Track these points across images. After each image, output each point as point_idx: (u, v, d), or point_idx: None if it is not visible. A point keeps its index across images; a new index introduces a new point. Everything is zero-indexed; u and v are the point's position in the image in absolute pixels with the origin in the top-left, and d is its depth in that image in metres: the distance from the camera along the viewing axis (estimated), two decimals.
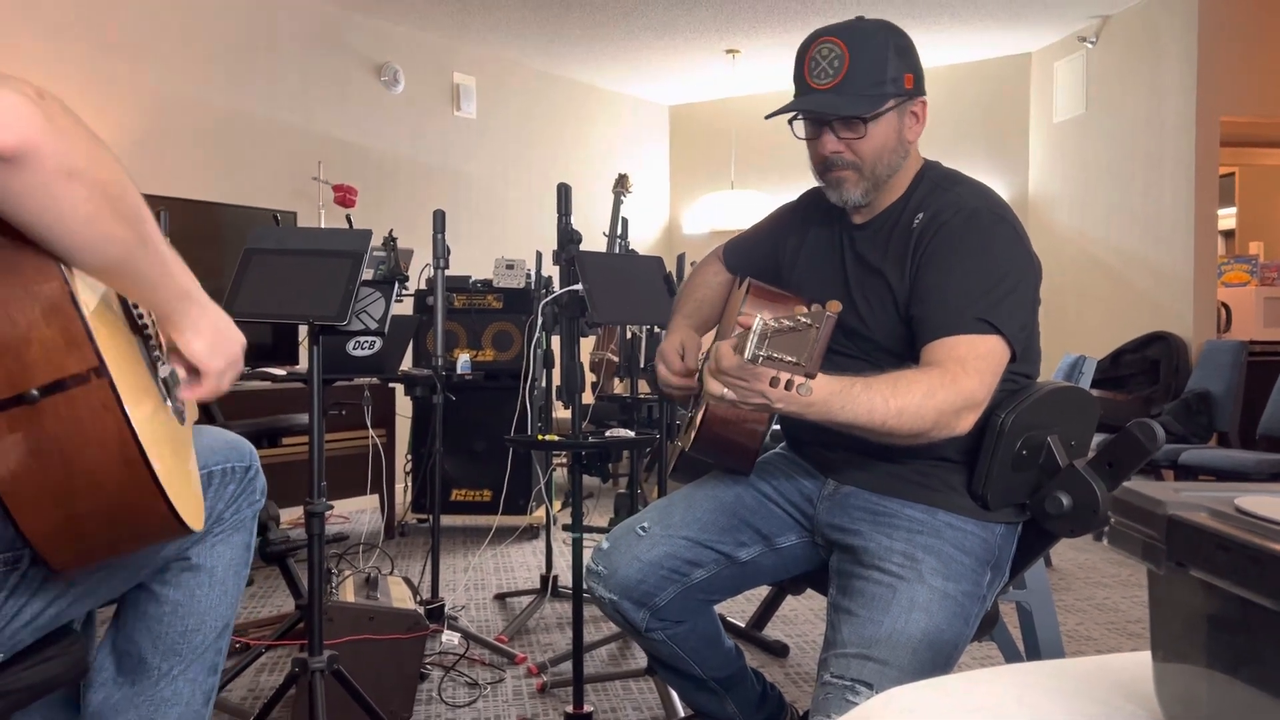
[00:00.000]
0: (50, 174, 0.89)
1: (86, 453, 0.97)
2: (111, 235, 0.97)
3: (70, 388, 0.96)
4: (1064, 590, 3.72)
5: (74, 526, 1.00)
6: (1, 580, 1.08)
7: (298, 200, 5.24)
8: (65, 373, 0.96)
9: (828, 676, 1.47)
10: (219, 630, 1.43)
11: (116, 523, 1.02)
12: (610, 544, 1.79)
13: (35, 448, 0.96)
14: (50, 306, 0.96)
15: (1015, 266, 1.57)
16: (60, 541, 1.00)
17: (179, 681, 1.39)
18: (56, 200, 0.91)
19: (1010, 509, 1.62)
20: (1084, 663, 0.88)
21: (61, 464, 0.97)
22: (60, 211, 0.91)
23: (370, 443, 4.00)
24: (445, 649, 2.88)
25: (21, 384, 0.94)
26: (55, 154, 0.89)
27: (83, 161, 0.92)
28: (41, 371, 0.95)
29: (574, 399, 2.47)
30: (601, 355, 5.30)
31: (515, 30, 6.13)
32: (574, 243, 2.46)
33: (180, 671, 1.39)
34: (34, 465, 0.96)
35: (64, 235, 0.93)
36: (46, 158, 0.88)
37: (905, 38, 1.64)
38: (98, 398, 0.97)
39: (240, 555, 1.45)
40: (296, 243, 2.12)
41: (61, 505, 0.98)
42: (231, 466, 1.40)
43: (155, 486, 1.01)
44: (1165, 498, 0.70)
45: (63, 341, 0.96)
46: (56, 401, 0.96)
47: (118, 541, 1.04)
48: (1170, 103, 5.43)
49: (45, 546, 0.99)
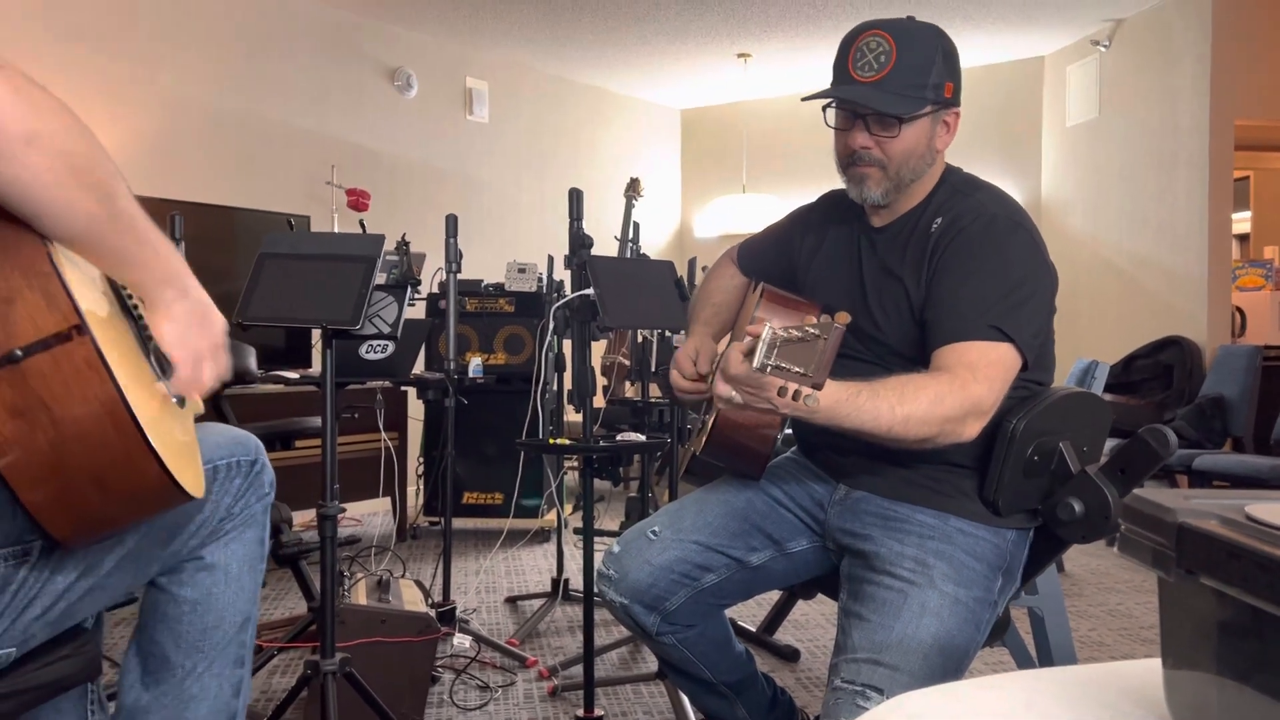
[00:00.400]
0: (10, 140, 0.91)
1: (73, 411, 0.98)
2: (76, 205, 0.98)
3: (53, 346, 0.97)
4: (1076, 596, 3.70)
5: (69, 491, 1.00)
6: (11, 573, 1.09)
7: (311, 204, 5.27)
8: (46, 332, 0.96)
9: (838, 681, 1.47)
10: (239, 624, 1.44)
11: (111, 486, 1.02)
12: (621, 548, 1.79)
13: (23, 408, 0.96)
14: (29, 268, 0.97)
15: (1031, 274, 1.56)
16: (57, 509, 1.01)
17: (205, 678, 1.41)
18: (18, 167, 0.92)
19: (1022, 515, 1.62)
20: (1094, 669, 0.88)
21: (50, 424, 0.97)
22: (23, 178, 0.93)
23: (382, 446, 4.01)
24: (456, 652, 2.89)
25: (5, 344, 0.95)
26: (15, 120, 0.91)
27: (45, 130, 0.93)
28: (24, 331, 0.96)
29: (585, 403, 2.48)
30: (613, 359, 5.30)
31: (528, 35, 6.15)
32: (585, 247, 2.47)
33: (205, 668, 1.41)
34: (23, 427, 0.97)
35: (27, 201, 0.95)
36: (5, 125, 0.90)
37: (953, 46, 1.63)
38: (80, 354, 0.97)
39: (254, 550, 1.46)
40: (310, 247, 2.13)
41: (54, 469, 0.98)
42: (237, 460, 1.41)
43: (146, 446, 1.01)
44: (1175, 505, 0.70)
45: (43, 302, 0.97)
46: (40, 360, 0.96)
47: (116, 507, 1.04)
48: (1184, 106, 5.41)
49: (42, 516, 1.00)
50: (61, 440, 0.98)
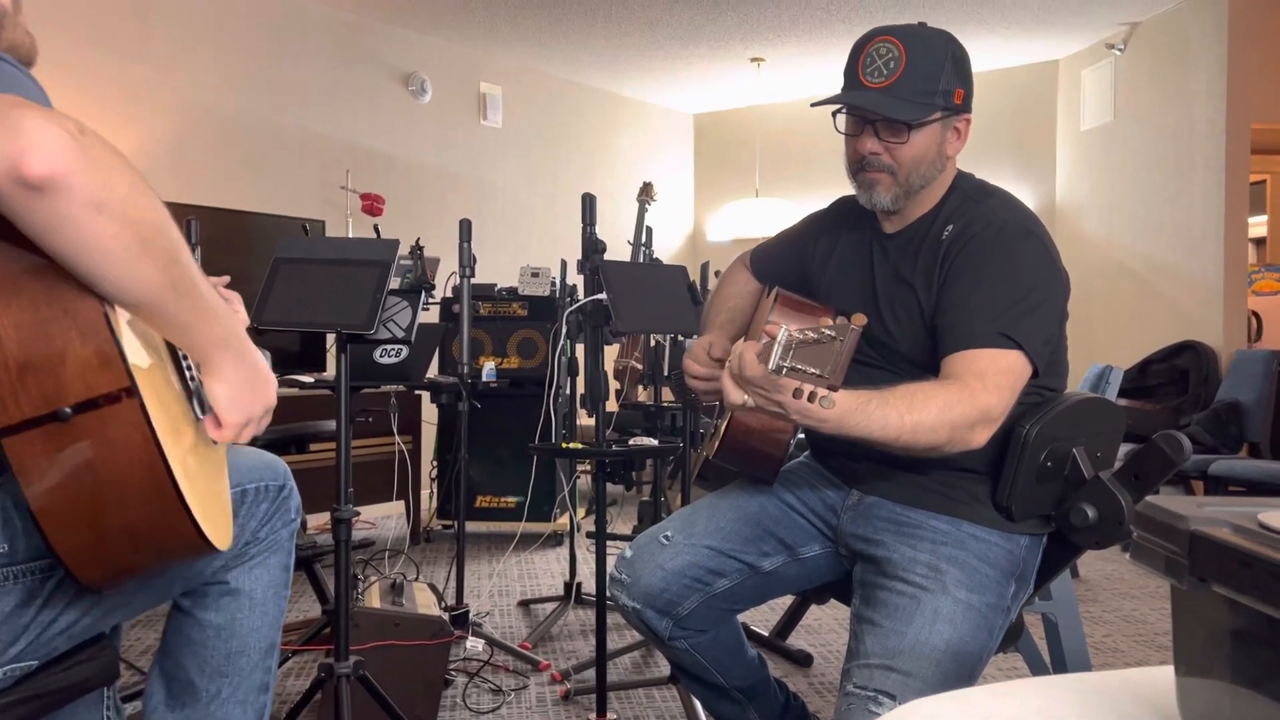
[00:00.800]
0: (78, 206, 0.91)
1: (115, 471, 1.00)
2: (139, 275, 0.99)
3: (101, 406, 0.98)
4: (1091, 602, 3.68)
5: (102, 543, 1.02)
6: (38, 587, 1.10)
7: (326, 209, 5.29)
8: (97, 392, 0.98)
9: (851, 687, 1.46)
10: (264, 650, 1.45)
11: (143, 540, 1.04)
12: (633, 552, 1.79)
13: (66, 464, 0.98)
14: (86, 328, 0.98)
15: (1042, 281, 1.55)
16: (88, 558, 1.02)
17: (229, 703, 1.42)
18: (83, 232, 0.93)
19: (1035, 520, 1.61)
20: (1107, 676, 0.88)
21: (91, 481, 0.99)
22: (86, 244, 0.94)
23: (396, 449, 4.02)
24: (469, 655, 2.90)
25: (56, 401, 0.97)
26: (84, 187, 0.91)
27: (115, 198, 0.94)
28: (75, 390, 0.97)
29: (598, 407, 2.48)
30: (625, 363, 5.31)
31: (542, 40, 6.17)
32: (598, 251, 2.47)
33: (230, 693, 1.42)
34: (65, 481, 0.98)
35: (90, 267, 0.95)
36: (75, 189, 0.91)
37: (964, 52, 1.63)
38: (128, 417, 0.99)
39: (279, 577, 1.47)
40: (324, 252, 2.14)
41: (90, 522, 1.00)
42: (265, 485, 1.42)
43: (182, 506, 1.03)
44: (1188, 512, 0.69)
45: (96, 362, 0.98)
46: (88, 419, 0.98)
47: (145, 559, 1.06)
48: (1200, 110, 5.38)
49: (74, 562, 1.02)
50: (100, 496, 1.00)
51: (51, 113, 0.92)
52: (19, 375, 0.96)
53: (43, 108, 0.92)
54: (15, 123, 0.89)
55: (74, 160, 0.90)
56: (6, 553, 1.08)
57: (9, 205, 0.91)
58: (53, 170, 0.89)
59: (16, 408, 0.96)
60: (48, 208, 0.90)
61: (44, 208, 0.90)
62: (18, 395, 0.96)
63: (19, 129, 0.89)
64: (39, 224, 0.92)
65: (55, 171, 0.89)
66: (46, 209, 0.91)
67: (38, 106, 0.93)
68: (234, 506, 1.36)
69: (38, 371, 0.96)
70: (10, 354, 0.96)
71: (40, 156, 0.88)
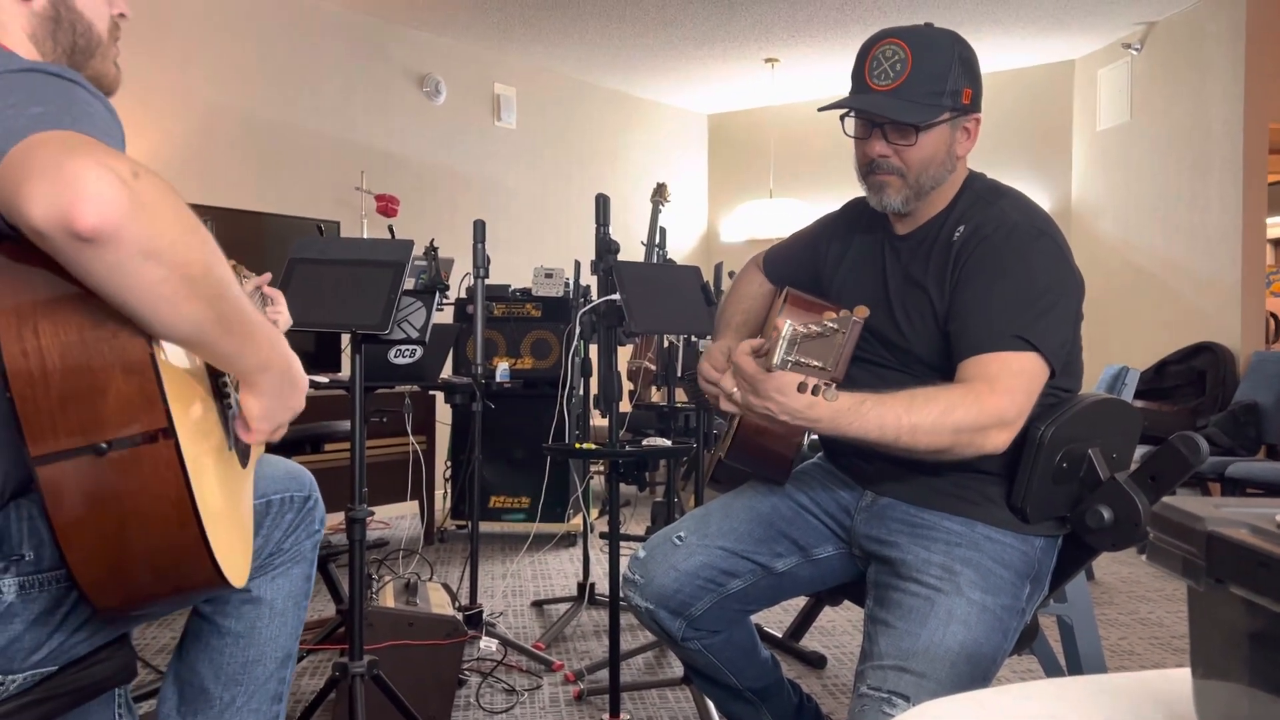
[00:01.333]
0: (128, 255, 0.92)
1: (143, 507, 1.00)
2: (187, 315, 1.00)
3: (138, 444, 0.99)
4: (1107, 604, 3.66)
5: (122, 575, 1.03)
6: (63, 595, 1.11)
7: (341, 210, 5.31)
8: (135, 429, 0.99)
9: (864, 688, 1.46)
10: (280, 660, 1.46)
11: (163, 576, 1.05)
12: (646, 553, 1.79)
13: (97, 495, 0.99)
14: (130, 364, 0.99)
15: (1055, 282, 1.55)
16: (107, 587, 1.03)
17: (243, 712, 1.42)
18: (133, 279, 0.94)
19: (1050, 522, 1.60)
20: (1122, 678, 0.87)
21: (118, 514, 1.00)
22: (137, 289, 0.94)
23: (411, 450, 4.04)
24: (483, 655, 2.90)
25: (94, 434, 0.98)
26: (135, 237, 0.92)
27: (164, 243, 0.94)
28: (113, 425, 0.98)
29: (611, 407, 2.48)
30: (639, 364, 5.31)
31: (556, 41, 6.18)
32: (612, 252, 2.47)
33: (244, 702, 1.42)
34: (92, 513, 0.99)
35: (139, 309, 0.96)
36: (126, 241, 0.91)
37: (971, 51, 1.62)
38: (162, 457, 1.00)
39: (300, 587, 1.48)
40: (339, 253, 2.15)
41: (112, 554, 1.01)
42: (290, 496, 1.43)
43: (205, 548, 1.04)
44: (1205, 513, 0.69)
45: (138, 399, 0.99)
46: (123, 456, 0.99)
47: (162, 592, 1.08)
48: (1217, 109, 5.35)
49: (92, 590, 1.03)
50: (125, 530, 1.01)
51: (106, 156, 0.92)
52: (60, 404, 0.97)
53: (98, 151, 0.93)
54: (68, 172, 0.90)
55: (125, 212, 0.90)
56: (32, 560, 1.09)
57: (60, 253, 0.92)
58: (103, 223, 0.89)
59: (54, 437, 0.97)
60: (98, 257, 0.91)
61: (95, 257, 0.91)
62: (56, 423, 0.97)
63: (71, 179, 0.89)
64: (88, 270, 0.93)
65: (106, 224, 0.89)
66: (97, 258, 0.91)
67: (94, 149, 0.93)
68: (259, 517, 1.37)
69: (79, 401, 0.97)
70: (53, 379, 0.97)
71: (91, 208, 0.89)
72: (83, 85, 1.06)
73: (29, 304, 0.97)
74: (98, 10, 1.29)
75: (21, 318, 0.97)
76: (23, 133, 0.94)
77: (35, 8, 1.22)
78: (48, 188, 0.89)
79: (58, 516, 0.98)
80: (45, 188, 0.89)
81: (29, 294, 0.97)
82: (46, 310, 0.97)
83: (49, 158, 0.91)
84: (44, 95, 1.01)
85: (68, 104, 1.02)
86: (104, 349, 0.98)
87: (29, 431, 0.97)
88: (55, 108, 1.00)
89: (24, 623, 1.09)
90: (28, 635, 1.10)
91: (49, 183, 0.89)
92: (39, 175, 0.90)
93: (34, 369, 0.96)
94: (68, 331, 0.97)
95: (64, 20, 1.24)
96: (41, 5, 1.22)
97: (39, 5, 1.22)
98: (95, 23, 1.28)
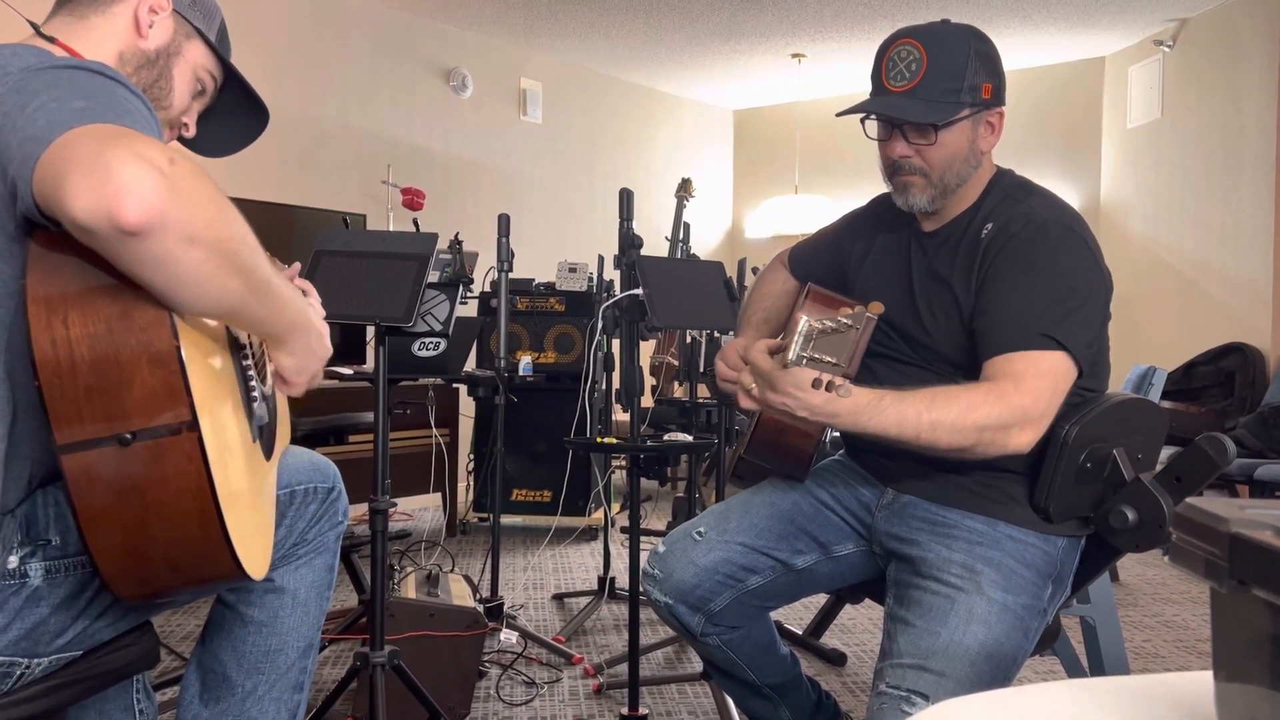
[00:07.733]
0: (173, 242, 0.94)
1: (165, 499, 1.02)
2: (226, 289, 1.02)
3: (162, 436, 1.00)
4: (1131, 606, 3.63)
5: (142, 564, 1.04)
6: (87, 580, 1.13)
7: (367, 203, 5.34)
8: (159, 421, 1.00)
9: (883, 686, 1.46)
10: (302, 649, 1.47)
11: (182, 566, 1.06)
12: (666, 548, 1.79)
13: (118, 486, 1.00)
14: (156, 356, 1.00)
15: (1084, 281, 1.53)
16: (127, 576, 1.05)
17: (265, 700, 1.43)
18: (177, 264, 0.95)
19: (1073, 522, 1.59)
20: (1144, 680, 0.86)
21: (140, 505, 1.01)
22: (180, 273, 0.96)
23: (434, 442, 4.06)
24: (504, 647, 2.92)
25: (119, 425, 0.99)
26: (177, 224, 0.93)
27: (202, 225, 0.96)
28: (137, 415, 0.99)
29: (633, 402, 2.48)
30: (661, 359, 5.31)
31: (582, 35, 6.18)
32: (635, 247, 2.47)
33: (265, 691, 1.43)
34: (114, 502, 1.01)
35: (180, 292, 0.98)
36: (170, 229, 0.93)
37: (989, 45, 1.60)
38: (185, 450, 1.01)
39: (323, 578, 1.49)
40: (364, 245, 2.16)
41: (134, 543, 1.02)
42: (314, 487, 1.44)
43: (225, 540, 1.05)
44: (1229, 515, 0.68)
45: (162, 391, 1.00)
46: (146, 447, 1.00)
47: (181, 583, 1.09)
48: (1250, 106, 5.28)
49: (112, 578, 1.04)
50: (146, 520, 1.02)
51: (144, 146, 0.93)
52: (86, 394, 0.98)
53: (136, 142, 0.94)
54: (107, 164, 0.91)
55: (166, 201, 0.92)
56: (59, 545, 1.11)
57: (105, 247, 0.93)
58: (149, 215, 0.91)
59: (80, 426, 0.98)
60: (144, 248, 0.93)
61: (141, 248, 0.93)
62: (82, 413, 0.98)
63: (111, 172, 0.90)
64: (133, 260, 0.94)
65: (151, 216, 0.91)
66: (143, 248, 0.93)
67: (131, 140, 0.94)
68: (282, 507, 1.38)
69: (105, 392, 0.99)
70: (80, 369, 0.98)
71: (134, 202, 0.90)
72: (124, 84, 1.07)
73: (59, 295, 0.98)
74: (183, 91, 1.36)
75: (52, 308, 0.98)
76: (65, 125, 0.96)
77: (144, 44, 1.28)
78: (89, 183, 0.90)
79: (81, 505, 1.00)
80: (87, 183, 0.90)
81: (59, 285, 0.99)
82: (76, 301, 0.98)
83: (89, 152, 0.92)
84: (87, 90, 1.03)
85: (110, 100, 1.03)
86: (131, 341, 0.99)
87: (55, 420, 0.98)
88: (98, 103, 1.01)
89: (49, 607, 1.11)
90: (53, 619, 1.11)
91: (91, 178, 0.91)
92: (80, 171, 0.91)
93: (62, 359, 0.98)
94: (96, 323, 0.98)
95: (157, 67, 1.31)
96: (152, 46, 1.29)
97: (149, 45, 1.28)
98: (175, 94, 1.35)
